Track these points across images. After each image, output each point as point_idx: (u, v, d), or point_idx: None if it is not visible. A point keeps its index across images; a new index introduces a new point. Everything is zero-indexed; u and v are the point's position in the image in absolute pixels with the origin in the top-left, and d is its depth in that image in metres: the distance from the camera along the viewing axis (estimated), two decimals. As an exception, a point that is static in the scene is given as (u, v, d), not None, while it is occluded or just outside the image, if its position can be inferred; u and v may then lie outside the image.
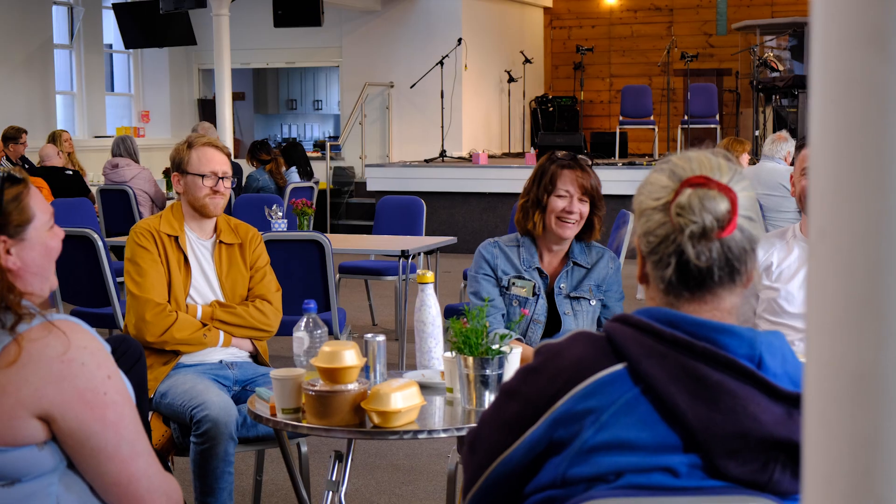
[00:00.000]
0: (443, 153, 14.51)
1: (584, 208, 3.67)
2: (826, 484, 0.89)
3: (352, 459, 5.11)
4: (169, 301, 3.88)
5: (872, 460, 0.86)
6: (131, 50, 15.90)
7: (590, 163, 3.78)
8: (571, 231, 3.67)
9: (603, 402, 1.70)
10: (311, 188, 10.39)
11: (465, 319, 2.90)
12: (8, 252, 2.14)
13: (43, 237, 2.20)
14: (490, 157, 14.71)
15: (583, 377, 1.72)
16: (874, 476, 0.86)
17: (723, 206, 1.72)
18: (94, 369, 2.10)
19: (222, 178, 3.99)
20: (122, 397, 2.14)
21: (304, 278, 5.72)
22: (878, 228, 0.86)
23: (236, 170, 10.67)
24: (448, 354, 3.04)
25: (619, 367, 1.71)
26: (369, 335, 3.10)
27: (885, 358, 0.86)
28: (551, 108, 16.59)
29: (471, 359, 2.87)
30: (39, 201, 2.21)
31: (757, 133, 13.24)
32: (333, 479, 3.27)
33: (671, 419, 1.68)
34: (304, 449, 3.93)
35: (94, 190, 10.08)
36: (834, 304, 0.89)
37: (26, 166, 11.28)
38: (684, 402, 1.67)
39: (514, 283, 3.68)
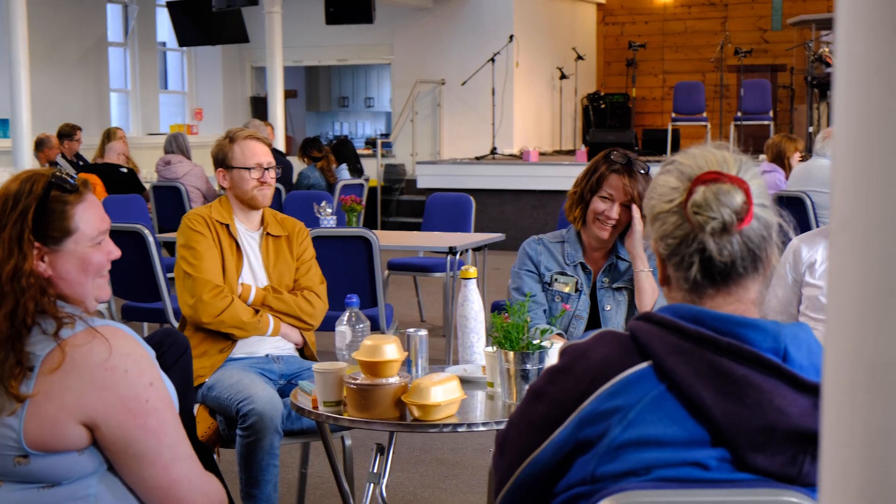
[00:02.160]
0: (493, 150, 14.50)
1: (625, 215, 3.66)
2: (843, 474, 0.89)
3: (397, 453, 5.15)
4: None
5: (889, 450, 0.86)
6: (185, 48, 16.04)
7: (644, 170, 3.72)
8: (607, 234, 3.66)
9: (629, 400, 1.70)
10: (362, 185, 10.43)
11: (506, 314, 2.91)
12: (42, 259, 2.16)
13: (83, 251, 2.19)
14: (541, 154, 14.68)
15: (608, 377, 1.72)
16: (891, 466, 0.86)
17: (738, 198, 1.73)
18: (137, 377, 2.12)
19: (267, 168, 4.03)
20: (163, 404, 2.16)
21: (351, 274, 5.75)
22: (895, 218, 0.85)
23: (287, 167, 10.73)
24: (489, 349, 3.05)
25: (644, 365, 1.71)
26: (411, 329, 3.12)
27: (902, 347, 0.85)
28: (603, 105, 16.51)
29: (511, 353, 2.88)
30: (91, 215, 2.20)
31: (811, 129, 13.11)
32: (375, 471, 3.29)
33: (698, 415, 1.68)
34: (348, 442, 3.96)
35: (147, 187, 10.19)
36: (853, 294, 0.88)
37: (81, 163, 11.43)
38: (710, 398, 1.66)
39: (556, 280, 3.69)
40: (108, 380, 2.09)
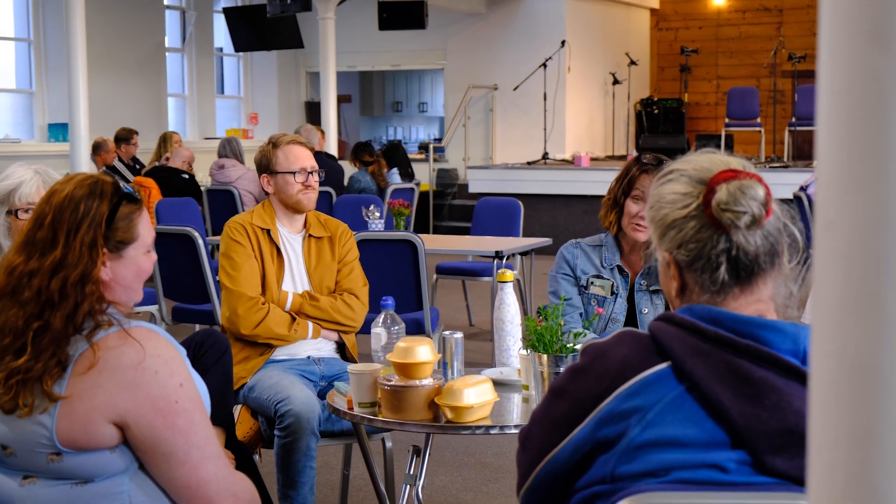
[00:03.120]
0: (545, 155, 14.50)
1: None
2: (828, 472, 0.90)
3: (440, 457, 5.18)
4: (264, 293, 3.98)
5: (871, 450, 0.87)
6: (241, 53, 16.20)
7: None
8: (644, 236, 3.64)
9: (648, 400, 1.71)
10: (412, 190, 10.47)
11: (540, 318, 2.93)
12: (104, 264, 2.22)
13: (139, 259, 2.28)
14: (593, 159, 14.66)
15: (628, 377, 1.73)
16: (872, 465, 0.87)
17: (761, 191, 1.73)
18: (167, 378, 2.17)
19: (311, 172, 4.09)
20: (193, 404, 2.21)
21: (397, 278, 5.78)
22: (878, 221, 0.86)
23: (339, 171, 10.80)
24: (523, 352, 3.07)
25: (663, 366, 1.72)
26: (447, 332, 3.15)
27: (884, 350, 0.87)
28: (656, 111, 16.45)
29: (545, 356, 2.90)
30: (147, 225, 2.30)
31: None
32: (411, 472, 3.32)
33: (717, 416, 1.69)
34: (388, 445, 3.99)
35: (201, 190, 10.30)
36: (836, 296, 0.90)
37: (138, 167, 11.59)
38: (728, 400, 1.67)
39: (592, 283, 3.69)
40: (139, 380, 2.14)
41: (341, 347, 4.13)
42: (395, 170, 11.61)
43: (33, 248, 2.19)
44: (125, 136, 11.67)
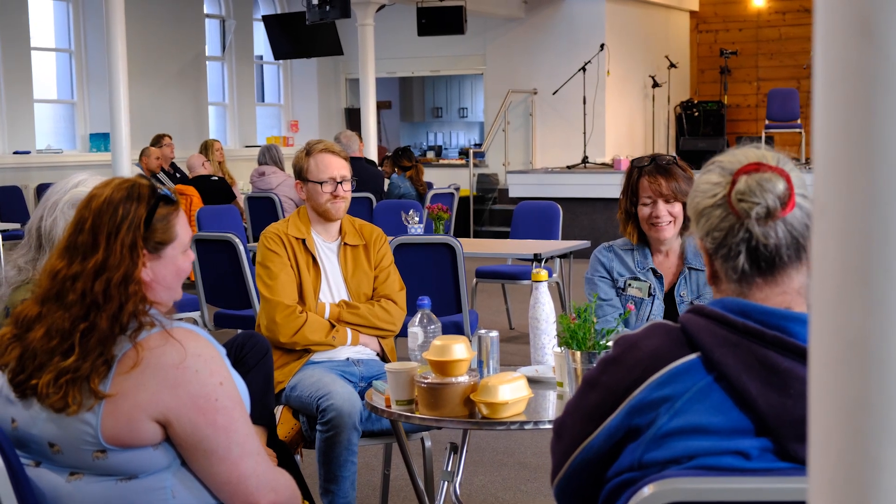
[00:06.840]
0: (585, 159, 14.51)
1: (674, 208, 3.63)
2: (825, 443, 0.95)
3: (480, 457, 5.24)
4: (301, 301, 4.04)
5: (865, 420, 0.92)
6: (281, 61, 16.34)
7: (672, 162, 3.70)
8: (667, 232, 3.65)
9: (677, 389, 1.77)
10: (452, 194, 10.53)
11: (573, 315, 2.97)
12: (144, 265, 2.29)
13: (177, 258, 2.35)
14: (633, 162, 14.64)
15: (658, 367, 1.79)
16: (866, 435, 0.92)
17: (780, 185, 1.78)
18: (207, 377, 2.23)
19: (341, 182, 4.15)
20: (232, 402, 2.27)
21: (436, 281, 5.84)
22: (869, 206, 0.91)
23: (379, 176, 10.88)
24: (557, 350, 3.12)
25: (692, 356, 1.78)
26: (483, 331, 3.20)
27: (877, 327, 0.92)
28: (696, 113, 16.42)
29: (578, 353, 2.95)
30: (184, 225, 2.36)
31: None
32: (449, 469, 3.38)
33: (743, 405, 1.74)
34: (428, 444, 4.04)
35: (241, 197, 10.43)
36: (833, 276, 0.95)
37: (178, 175, 11.74)
38: (756, 390, 1.72)
39: (630, 285, 3.72)
40: (180, 379, 2.20)
41: (381, 349, 4.19)
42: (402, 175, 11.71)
43: (75, 252, 2.26)
44: (155, 141, 11.87)
